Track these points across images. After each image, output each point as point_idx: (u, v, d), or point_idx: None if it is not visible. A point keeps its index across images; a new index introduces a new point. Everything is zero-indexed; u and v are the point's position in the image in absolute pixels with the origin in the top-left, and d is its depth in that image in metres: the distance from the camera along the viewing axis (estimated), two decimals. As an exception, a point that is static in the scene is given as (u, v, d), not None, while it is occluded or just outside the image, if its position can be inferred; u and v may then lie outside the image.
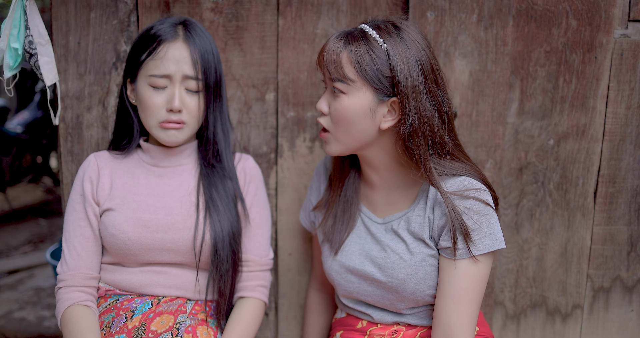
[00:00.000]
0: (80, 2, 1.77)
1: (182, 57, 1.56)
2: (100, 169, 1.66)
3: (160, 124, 1.58)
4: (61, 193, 1.88)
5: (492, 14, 1.80)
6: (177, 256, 1.61)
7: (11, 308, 3.54)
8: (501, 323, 2.00)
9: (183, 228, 1.60)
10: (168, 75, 1.56)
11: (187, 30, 1.59)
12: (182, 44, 1.57)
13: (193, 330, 1.56)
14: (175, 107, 1.55)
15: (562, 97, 1.87)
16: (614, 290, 1.98)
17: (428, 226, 1.47)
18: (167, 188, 1.65)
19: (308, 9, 1.82)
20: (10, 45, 1.60)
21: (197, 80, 1.58)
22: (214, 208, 1.62)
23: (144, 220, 1.59)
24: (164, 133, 1.59)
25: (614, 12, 1.82)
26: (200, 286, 1.64)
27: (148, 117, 1.59)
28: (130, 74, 1.63)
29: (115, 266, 1.64)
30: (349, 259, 1.56)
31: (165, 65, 1.55)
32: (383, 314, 1.57)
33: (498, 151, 1.87)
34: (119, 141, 1.72)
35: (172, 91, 1.57)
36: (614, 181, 1.91)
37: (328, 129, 1.50)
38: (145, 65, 1.57)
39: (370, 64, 1.39)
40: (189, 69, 1.57)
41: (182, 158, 1.69)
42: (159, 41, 1.56)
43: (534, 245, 1.95)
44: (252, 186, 1.73)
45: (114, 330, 1.54)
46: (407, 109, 1.39)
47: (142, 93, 1.58)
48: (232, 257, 1.62)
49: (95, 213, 1.62)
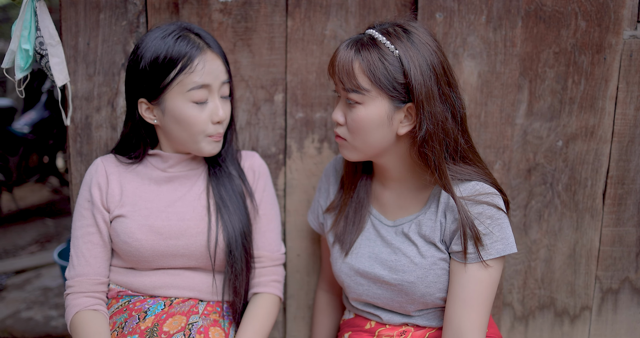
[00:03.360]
0: (89, 4, 1.77)
1: (216, 66, 1.56)
2: (108, 175, 1.64)
3: (209, 137, 1.58)
4: (70, 194, 1.88)
5: (501, 15, 1.80)
6: (190, 261, 1.61)
7: (19, 308, 3.56)
8: (509, 324, 2.00)
9: (196, 233, 1.60)
10: (208, 85, 1.54)
11: (202, 38, 1.57)
12: (212, 54, 1.55)
13: (205, 330, 1.56)
14: (221, 117, 1.56)
15: (571, 99, 1.86)
16: (622, 291, 1.98)
17: (440, 230, 1.46)
18: (178, 194, 1.64)
19: (317, 10, 1.83)
20: (21, 46, 1.60)
21: (229, 83, 1.60)
22: (225, 209, 1.62)
23: (156, 227, 1.58)
24: (211, 146, 1.60)
25: (623, 13, 1.81)
26: (217, 288, 1.64)
27: (193, 134, 1.57)
28: (147, 95, 1.57)
29: (127, 270, 1.64)
30: (359, 261, 1.56)
31: (205, 77, 1.53)
32: (392, 316, 1.57)
33: (507, 152, 1.87)
34: (125, 150, 1.69)
35: (213, 103, 1.56)
36: (623, 183, 1.91)
37: (345, 138, 1.49)
38: (178, 83, 1.53)
39: (384, 72, 1.38)
40: (223, 75, 1.57)
41: (193, 163, 1.69)
42: (189, 57, 1.52)
43: (543, 246, 1.95)
44: (261, 182, 1.73)
45: (126, 330, 1.54)
46: (422, 114, 1.38)
47: (184, 112, 1.54)
48: (245, 256, 1.63)
49: (105, 220, 1.61)
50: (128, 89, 1.61)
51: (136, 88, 1.58)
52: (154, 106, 1.58)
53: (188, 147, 1.61)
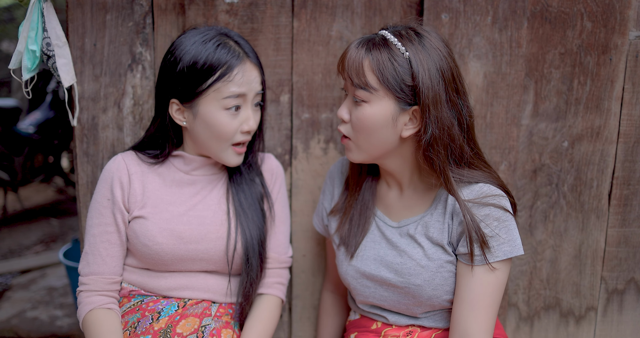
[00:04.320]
0: (96, 4, 1.78)
1: (254, 77, 1.56)
2: (131, 174, 1.62)
3: (233, 146, 1.58)
4: (77, 194, 1.89)
5: (507, 15, 1.80)
6: (208, 265, 1.62)
7: (24, 307, 3.57)
8: (515, 325, 2.00)
9: (215, 237, 1.60)
10: (244, 94, 1.54)
11: (241, 46, 1.56)
12: (251, 65, 1.55)
13: (218, 333, 1.56)
14: (253, 128, 1.57)
15: (576, 99, 1.86)
16: (628, 292, 1.98)
17: (447, 232, 1.46)
18: (198, 197, 1.64)
19: (323, 11, 1.83)
20: (28, 47, 1.61)
21: (262, 94, 1.60)
22: (244, 215, 1.62)
23: (178, 231, 1.58)
24: (235, 157, 1.60)
25: (629, 14, 1.81)
26: (232, 292, 1.65)
27: (221, 141, 1.57)
28: (181, 96, 1.56)
29: (142, 270, 1.64)
30: (365, 264, 1.56)
31: (242, 87, 1.53)
32: (398, 317, 1.57)
33: (512, 153, 1.87)
34: (149, 149, 1.68)
35: (246, 113, 1.56)
36: (629, 183, 1.90)
37: (349, 136, 1.49)
38: (214, 89, 1.52)
39: (393, 72, 1.38)
40: (258, 86, 1.58)
41: (215, 166, 1.69)
42: (229, 65, 1.51)
43: (548, 246, 1.95)
44: (277, 184, 1.74)
45: (139, 330, 1.54)
46: (428, 118, 1.38)
47: (216, 118, 1.54)
48: (260, 263, 1.63)
49: (124, 220, 1.60)
50: (161, 87, 1.60)
51: (170, 88, 1.57)
52: (185, 109, 1.57)
53: (212, 153, 1.60)
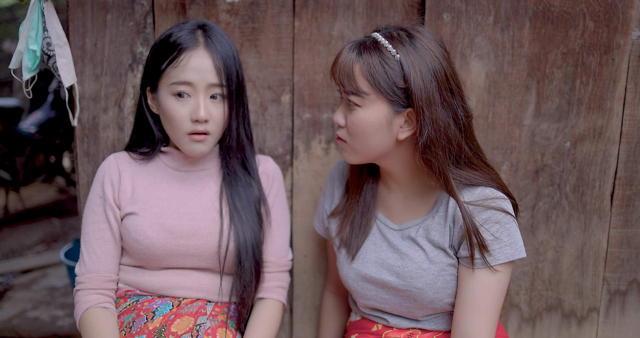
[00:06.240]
0: (96, 4, 1.77)
1: (205, 65, 1.53)
2: (121, 171, 1.64)
3: (188, 135, 1.55)
4: (77, 194, 1.89)
5: (509, 15, 1.79)
6: (200, 261, 1.61)
7: (25, 307, 3.57)
8: (517, 326, 1.99)
9: (207, 234, 1.59)
10: (190, 83, 1.52)
11: (207, 35, 1.56)
12: (204, 52, 1.53)
13: (213, 332, 1.56)
14: (201, 117, 1.52)
15: (578, 99, 1.86)
16: (630, 293, 1.97)
17: (449, 235, 1.45)
18: (189, 193, 1.64)
19: (324, 11, 1.82)
20: (28, 47, 1.60)
21: (221, 87, 1.55)
22: (238, 218, 1.62)
23: (168, 226, 1.58)
24: (191, 145, 1.56)
25: (631, 13, 1.80)
26: (224, 290, 1.64)
27: (174, 128, 1.56)
28: (150, 82, 1.60)
29: (136, 269, 1.64)
30: (366, 267, 1.55)
31: (187, 74, 1.52)
32: (399, 320, 1.56)
33: (514, 153, 1.86)
34: (137, 146, 1.70)
35: (196, 101, 1.53)
36: (631, 184, 1.90)
37: (345, 140, 1.49)
38: (166, 74, 1.54)
39: (384, 76, 1.37)
40: (212, 77, 1.54)
41: (204, 163, 1.68)
42: (180, 49, 1.52)
43: (550, 247, 1.94)
44: (274, 187, 1.73)
45: (134, 330, 1.54)
46: (423, 119, 1.36)
47: (166, 104, 1.55)
48: (255, 268, 1.62)
49: (116, 216, 1.61)
50: (142, 78, 1.65)
51: (144, 75, 1.62)
52: (153, 95, 1.61)
53: (175, 142, 1.61)
